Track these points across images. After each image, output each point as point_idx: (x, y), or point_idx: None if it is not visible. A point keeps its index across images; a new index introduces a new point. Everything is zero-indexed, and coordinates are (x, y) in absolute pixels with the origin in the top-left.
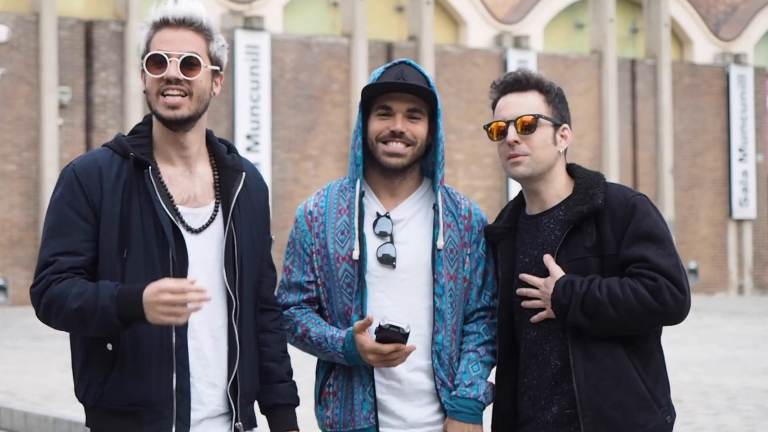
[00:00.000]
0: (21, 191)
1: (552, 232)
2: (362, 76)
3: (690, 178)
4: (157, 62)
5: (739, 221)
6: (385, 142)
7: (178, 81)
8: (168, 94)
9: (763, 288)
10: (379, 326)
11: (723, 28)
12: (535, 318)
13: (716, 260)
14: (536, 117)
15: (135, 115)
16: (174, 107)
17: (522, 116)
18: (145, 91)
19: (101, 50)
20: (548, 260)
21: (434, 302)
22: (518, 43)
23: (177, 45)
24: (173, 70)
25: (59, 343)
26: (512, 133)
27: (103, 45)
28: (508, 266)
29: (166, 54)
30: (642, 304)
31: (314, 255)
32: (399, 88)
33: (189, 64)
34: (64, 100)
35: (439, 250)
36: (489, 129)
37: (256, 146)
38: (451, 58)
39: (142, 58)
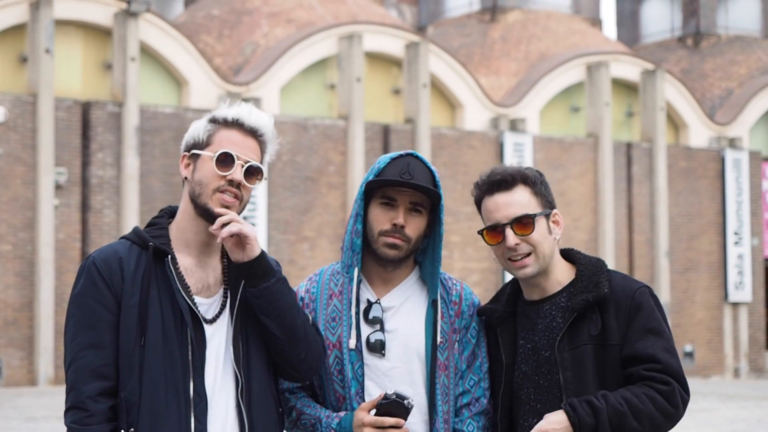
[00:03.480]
0: (16, 271)
1: (554, 319)
2: (359, 158)
3: (686, 262)
4: (223, 161)
5: (735, 304)
6: (386, 235)
7: (238, 185)
8: (226, 193)
9: (759, 371)
10: (385, 395)
11: (718, 112)
12: None
13: (712, 343)
14: (532, 216)
15: (131, 196)
16: (227, 206)
17: (517, 217)
18: (193, 181)
19: (98, 131)
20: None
21: (429, 393)
22: (514, 126)
23: (244, 150)
24: (239, 173)
25: (52, 424)
26: (511, 237)
27: (100, 126)
28: (510, 351)
29: (236, 156)
30: (660, 410)
31: None
32: (405, 186)
33: (250, 172)
34: (60, 181)
35: (439, 345)
36: (483, 234)
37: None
38: (448, 140)
39: (196, 147)
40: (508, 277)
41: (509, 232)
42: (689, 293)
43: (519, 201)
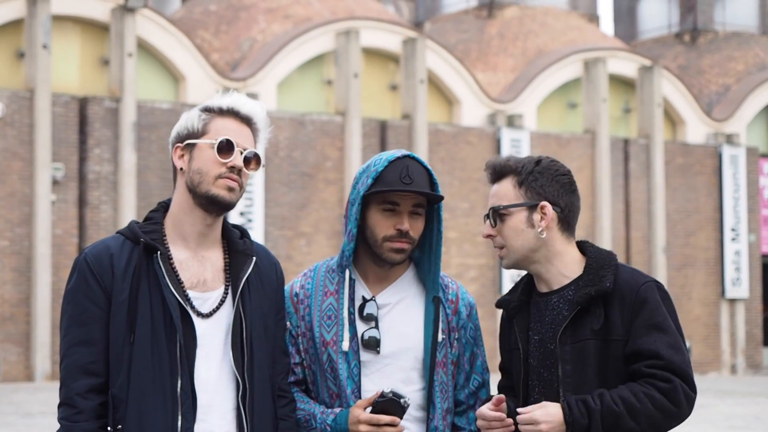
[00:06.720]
0: (13, 267)
1: (560, 312)
2: (356, 154)
3: (683, 258)
4: (223, 148)
5: (732, 301)
6: (391, 240)
7: (239, 171)
8: (230, 179)
9: (756, 368)
10: (382, 393)
11: (715, 108)
12: None
13: (709, 340)
14: (497, 209)
15: (128, 192)
16: (232, 190)
17: (492, 208)
18: (191, 170)
19: (95, 126)
20: (524, 411)
21: (427, 391)
22: (512, 122)
23: (241, 138)
24: (239, 160)
25: (49, 420)
26: (486, 227)
27: (97, 121)
28: (525, 340)
29: (236, 143)
30: (659, 409)
31: (300, 338)
32: (408, 192)
33: (248, 160)
34: (57, 176)
35: (439, 342)
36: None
37: (249, 223)
38: (445, 136)
39: (191, 137)
40: (505, 273)
41: (486, 222)
42: (686, 289)
43: (498, 193)
